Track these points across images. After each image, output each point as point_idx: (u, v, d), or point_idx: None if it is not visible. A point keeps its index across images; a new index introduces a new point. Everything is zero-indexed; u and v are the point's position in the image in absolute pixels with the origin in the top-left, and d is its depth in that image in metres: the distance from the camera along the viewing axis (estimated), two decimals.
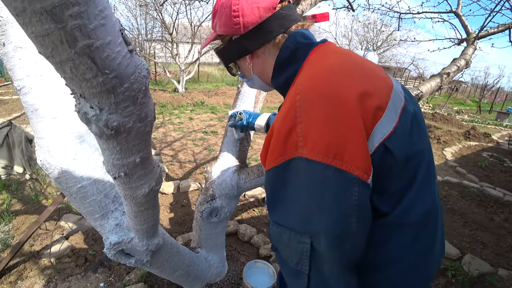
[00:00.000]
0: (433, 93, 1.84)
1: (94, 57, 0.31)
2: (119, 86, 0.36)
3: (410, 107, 0.58)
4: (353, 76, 0.53)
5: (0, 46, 0.76)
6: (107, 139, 0.44)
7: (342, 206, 0.49)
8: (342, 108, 0.48)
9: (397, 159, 0.53)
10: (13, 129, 2.07)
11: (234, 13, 0.64)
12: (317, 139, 0.48)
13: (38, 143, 0.87)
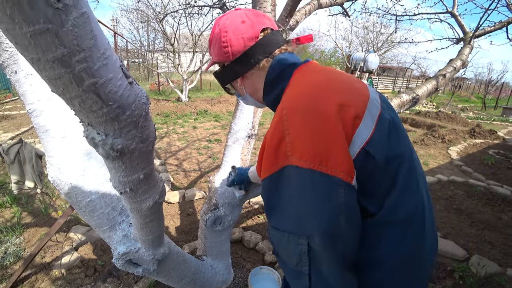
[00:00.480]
0: (430, 95, 1.87)
1: (99, 92, 0.36)
2: (122, 114, 0.40)
3: (386, 114, 0.63)
4: (332, 91, 0.60)
5: (13, 74, 0.82)
6: (113, 160, 0.49)
7: (330, 206, 0.54)
8: (323, 120, 0.55)
9: (378, 162, 0.58)
10: (23, 146, 2.16)
11: (224, 43, 0.73)
12: (303, 148, 0.54)
13: (49, 161, 0.92)
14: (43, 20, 0.28)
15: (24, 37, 0.28)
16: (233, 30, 0.72)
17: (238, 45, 0.73)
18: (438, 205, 3.69)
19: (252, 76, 0.77)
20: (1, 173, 3.93)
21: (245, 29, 0.72)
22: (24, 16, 0.27)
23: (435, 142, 6.92)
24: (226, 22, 0.73)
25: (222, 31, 0.73)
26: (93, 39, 0.32)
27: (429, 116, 10.62)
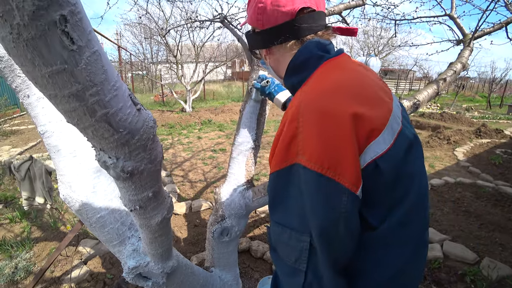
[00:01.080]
0: (431, 99, 1.88)
1: (110, 121, 0.38)
2: (131, 139, 0.43)
3: (407, 132, 0.64)
4: (353, 97, 0.58)
5: (25, 98, 0.87)
6: (123, 181, 0.51)
7: (332, 210, 0.55)
8: (338, 127, 0.54)
9: (385, 177, 0.58)
10: (34, 163, 2.22)
11: (259, 10, 0.69)
12: (314, 151, 0.54)
13: (60, 179, 0.96)
14: (60, 62, 0.31)
15: (43, 78, 0.32)
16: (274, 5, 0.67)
17: (272, 17, 0.68)
18: (446, 207, 3.65)
19: (278, 52, 0.74)
20: (10, 188, 4.00)
21: (284, 1, 0.66)
22: (42, 59, 0.30)
23: (441, 144, 6.86)
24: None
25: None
26: (104, 74, 0.35)
27: (434, 118, 10.55)
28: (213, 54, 11.80)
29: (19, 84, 0.85)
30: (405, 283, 0.64)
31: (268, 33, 0.70)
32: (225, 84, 19.21)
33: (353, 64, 0.69)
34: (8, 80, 0.86)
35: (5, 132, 7.69)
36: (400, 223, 0.61)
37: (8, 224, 3.07)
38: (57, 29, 0.29)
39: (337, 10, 2.33)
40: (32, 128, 8.60)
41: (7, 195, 3.75)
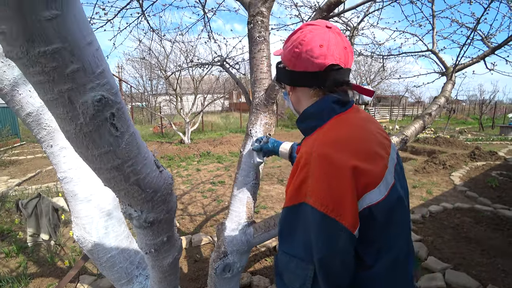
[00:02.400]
0: (418, 134, 2.00)
1: (140, 184, 0.48)
2: (154, 196, 0.52)
3: (398, 186, 0.74)
4: (356, 152, 0.68)
5: (48, 147, 0.97)
6: (144, 229, 0.60)
7: (332, 246, 0.64)
8: (341, 177, 0.64)
9: (378, 221, 0.69)
10: (41, 200, 2.27)
11: (294, 53, 0.78)
12: (320, 194, 0.64)
13: (75, 221, 1.03)
14: (107, 145, 0.41)
15: (93, 157, 0.41)
16: (307, 48, 0.75)
17: (303, 63, 0.76)
18: (446, 234, 3.64)
19: (301, 92, 0.83)
20: (7, 221, 3.96)
21: (318, 54, 0.74)
22: (95, 144, 0.40)
23: (437, 169, 6.92)
24: (307, 36, 0.76)
25: (300, 41, 0.76)
26: (138, 149, 0.45)
27: (428, 142, 10.71)
28: (212, 86, 12.21)
29: (44, 136, 0.96)
30: None
31: (297, 74, 0.79)
32: (223, 115, 19.61)
33: (359, 119, 0.79)
34: (33, 132, 0.97)
35: (4, 162, 7.66)
36: (393, 263, 0.70)
37: (3, 259, 3.02)
38: (107, 123, 0.39)
39: None
40: (31, 158, 8.61)
41: (4, 228, 3.71)
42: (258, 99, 1.58)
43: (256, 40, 1.58)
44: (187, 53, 8.14)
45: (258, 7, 1.59)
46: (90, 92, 0.35)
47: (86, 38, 0.33)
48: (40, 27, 0.28)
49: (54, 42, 0.30)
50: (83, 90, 0.34)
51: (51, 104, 0.35)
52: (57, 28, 0.29)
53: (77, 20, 0.31)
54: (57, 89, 0.33)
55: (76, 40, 0.31)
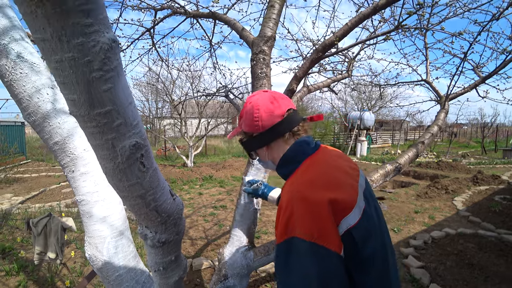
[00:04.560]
0: (411, 162, 2.10)
1: (158, 210, 0.58)
2: (168, 219, 0.62)
3: (369, 208, 0.85)
4: (329, 187, 0.79)
5: (70, 172, 1.08)
6: (156, 248, 0.69)
7: (324, 270, 0.71)
8: (319, 210, 0.74)
9: (357, 242, 0.78)
10: (51, 220, 2.35)
11: (256, 118, 0.91)
12: (305, 227, 0.73)
13: (88, 240, 1.12)
14: (136, 178, 0.52)
15: (124, 187, 0.52)
16: (264, 108, 0.91)
17: (268, 120, 0.91)
18: (449, 261, 3.58)
19: (276, 145, 0.94)
20: (9, 239, 3.98)
21: (274, 108, 0.91)
22: (127, 177, 0.51)
23: (439, 194, 6.86)
24: (258, 101, 0.92)
25: (255, 108, 0.92)
26: (158, 181, 0.56)
27: (431, 167, 10.67)
28: (215, 111, 12.50)
29: (67, 162, 1.08)
30: None
31: (267, 132, 0.93)
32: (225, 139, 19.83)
33: (328, 157, 0.92)
34: (58, 158, 1.09)
35: (9, 180, 7.73)
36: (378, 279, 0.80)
37: (3, 277, 3.04)
38: (138, 162, 0.50)
39: (325, 84, 2.70)
40: (36, 177, 8.68)
41: (6, 245, 3.72)
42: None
43: (258, 75, 1.73)
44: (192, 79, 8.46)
45: (261, 46, 1.76)
46: (128, 139, 0.46)
47: (128, 99, 0.45)
48: (99, 96, 0.40)
49: (107, 105, 0.42)
50: (123, 137, 0.46)
51: (98, 148, 0.46)
52: (110, 96, 0.41)
53: (123, 88, 0.44)
54: (105, 138, 0.45)
55: (121, 103, 0.44)
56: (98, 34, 0.37)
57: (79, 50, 0.36)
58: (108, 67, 0.39)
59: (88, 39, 0.36)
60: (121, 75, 0.43)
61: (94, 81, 0.39)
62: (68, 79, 0.38)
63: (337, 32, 1.46)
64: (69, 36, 0.35)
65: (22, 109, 1.04)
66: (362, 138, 16.63)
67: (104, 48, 0.37)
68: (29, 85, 0.99)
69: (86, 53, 0.36)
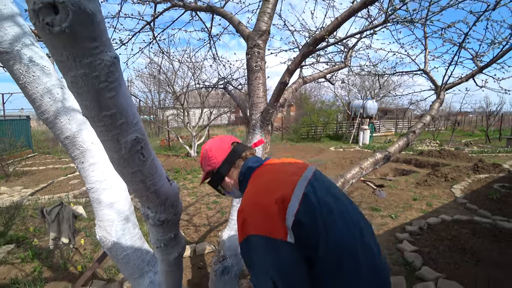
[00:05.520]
0: (402, 151, 2.19)
1: (157, 192, 0.70)
2: (166, 201, 0.74)
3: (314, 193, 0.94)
4: (272, 190, 0.93)
5: (80, 163, 1.21)
6: (157, 226, 0.81)
7: (280, 257, 0.84)
8: (267, 210, 0.88)
9: (303, 223, 0.88)
10: (63, 208, 2.53)
11: (211, 158, 1.13)
12: (256, 226, 0.88)
13: (98, 224, 1.26)
14: (137, 166, 0.63)
15: (128, 174, 0.63)
16: (215, 149, 1.14)
17: (220, 156, 1.13)
18: (442, 246, 3.66)
19: (232, 174, 1.14)
20: (22, 229, 4.18)
21: (222, 145, 1.15)
22: (129, 166, 0.62)
23: (439, 182, 6.87)
24: (210, 145, 1.16)
25: (208, 151, 1.15)
26: (156, 168, 0.67)
27: (432, 155, 10.66)
28: (218, 101, 12.57)
29: (77, 154, 1.21)
30: None
31: (223, 165, 1.13)
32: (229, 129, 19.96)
33: (273, 165, 1.10)
34: (69, 151, 1.22)
35: (18, 173, 7.96)
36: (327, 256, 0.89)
37: (19, 264, 3.24)
38: (138, 153, 0.61)
39: (322, 75, 2.77)
40: (43, 169, 8.90)
41: (19, 235, 3.92)
42: (254, 121, 1.81)
43: (253, 69, 1.82)
44: (194, 70, 8.50)
45: (255, 40, 1.84)
46: (129, 134, 0.58)
47: (128, 103, 0.56)
48: (106, 102, 0.51)
49: (112, 109, 0.53)
50: (126, 133, 0.57)
51: (106, 142, 0.58)
52: (114, 102, 0.53)
53: (123, 94, 0.55)
54: (111, 134, 0.56)
55: (123, 106, 0.55)
56: (103, 53, 0.48)
57: (88, 67, 0.47)
58: (112, 78, 0.51)
59: (95, 58, 0.47)
60: (122, 84, 0.54)
61: (101, 90, 0.50)
62: (81, 90, 0.49)
63: (327, 26, 1.53)
64: (81, 57, 0.46)
65: (36, 108, 1.16)
66: (364, 126, 16.62)
67: (108, 64, 0.48)
68: (41, 86, 1.10)
69: (94, 69, 0.47)
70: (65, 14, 0.42)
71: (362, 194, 6.05)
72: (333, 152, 13.26)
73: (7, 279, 2.91)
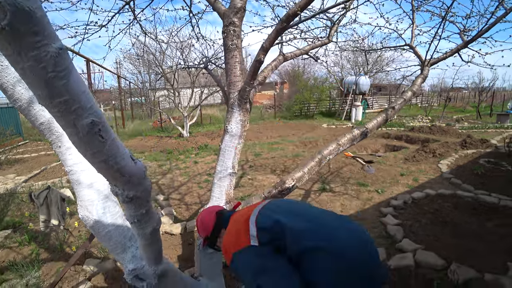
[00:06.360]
0: (380, 127, 2.24)
1: (121, 171, 0.74)
2: (131, 179, 0.79)
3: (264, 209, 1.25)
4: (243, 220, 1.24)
5: (58, 147, 1.25)
6: (127, 203, 0.86)
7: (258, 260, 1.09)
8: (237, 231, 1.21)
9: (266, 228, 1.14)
10: (51, 191, 2.59)
11: (204, 227, 1.47)
12: (234, 247, 1.17)
13: (80, 204, 1.32)
14: (97, 147, 0.67)
15: (89, 155, 0.68)
16: (206, 220, 1.47)
17: (209, 225, 1.44)
18: (424, 219, 3.79)
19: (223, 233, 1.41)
20: (18, 214, 4.27)
21: (209, 215, 1.47)
22: (90, 147, 0.66)
23: (426, 157, 6.96)
24: (203, 219, 1.49)
25: (201, 221, 1.48)
26: (117, 149, 0.71)
27: (423, 131, 10.80)
28: (209, 80, 12.39)
29: (54, 139, 1.25)
30: None
31: (215, 230, 1.44)
32: (222, 108, 19.79)
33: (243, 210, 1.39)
34: (46, 136, 1.26)
35: (10, 161, 7.95)
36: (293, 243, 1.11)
37: (17, 248, 3.34)
38: (96, 134, 0.65)
39: (304, 51, 2.75)
40: (35, 156, 8.89)
41: (15, 220, 4.02)
42: (232, 99, 1.83)
43: (229, 47, 1.82)
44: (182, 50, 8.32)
45: (231, 18, 1.81)
46: (85, 118, 0.61)
47: (81, 89, 0.59)
48: (57, 90, 0.55)
49: (65, 95, 0.57)
50: (81, 118, 0.61)
51: (65, 127, 0.62)
52: (65, 88, 0.56)
53: (76, 81, 0.59)
54: (67, 119, 0.60)
55: (76, 92, 0.58)
56: (48, 46, 0.52)
57: (35, 59, 0.51)
58: (60, 68, 0.54)
59: (40, 51, 0.51)
60: (73, 71, 0.58)
61: (51, 80, 0.53)
62: (31, 80, 0.53)
63: (299, 2, 1.52)
64: (25, 51, 0.50)
65: (8, 97, 1.20)
66: (357, 103, 16.60)
67: (54, 55, 0.52)
68: (10, 76, 1.14)
69: (40, 61, 0.51)
70: (2, 14, 0.46)
71: (351, 170, 6.18)
72: (326, 129, 13.34)
73: (6, 262, 3.01)
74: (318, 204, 4.48)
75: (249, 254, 1.11)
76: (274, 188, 1.81)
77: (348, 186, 5.23)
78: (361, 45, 4.27)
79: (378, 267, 1.07)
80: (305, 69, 24.53)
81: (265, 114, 19.12)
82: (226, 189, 1.85)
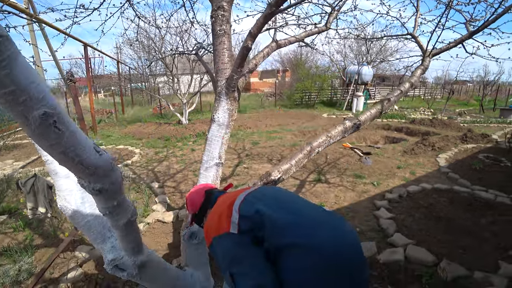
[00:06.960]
0: (374, 119, 2.19)
1: (83, 163, 0.71)
2: (96, 171, 0.76)
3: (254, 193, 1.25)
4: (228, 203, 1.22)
5: None
6: (95, 195, 0.84)
7: (234, 245, 1.09)
8: (219, 216, 1.19)
9: (248, 216, 1.12)
10: (37, 179, 2.57)
11: (192, 205, 1.49)
12: (214, 232, 1.16)
13: (58, 194, 1.29)
14: (55, 139, 0.64)
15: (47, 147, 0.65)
16: (195, 197, 1.49)
17: (199, 199, 1.47)
18: (418, 213, 3.75)
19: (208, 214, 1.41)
20: (14, 200, 4.29)
21: (200, 193, 1.49)
22: (46, 139, 0.63)
23: (425, 151, 6.86)
24: (192, 196, 1.51)
25: (191, 199, 1.50)
26: (77, 140, 0.68)
27: (424, 124, 10.65)
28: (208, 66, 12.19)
29: None
30: None
31: (201, 208, 1.47)
32: None
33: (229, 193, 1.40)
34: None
35: (8, 146, 7.96)
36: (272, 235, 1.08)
37: (12, 233, 3.36)
38: (52, 126, 0.62)
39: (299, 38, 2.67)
40: None
41: (11, 206, 4.03)
42: (220, 87, 1.77)
43: (217, 33, 1.74)
44: (182, 35, 8.16)
45: (220, 1, 1.72)
46: (36, 110, 0.58)
47: (29, 79, 0.56)
48: (2, 81, 0.51)
49: (10, 86, 0.53)
50: (32, 109, 0.57)
51: (16, 118, 0.58)
52: (10, 79, 0.53)
53: (22, 72, 0.55)
54: (16, 110, 0.57)
55: (22, 83, 0.55)
56: None
57: None
58: (1, 57, 0.51)
59: None
60: (17, 61, 0.54)
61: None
62: None
63: None
64: None
65: None
66: (359, 93, 16.41)
67: None
68: None
69: None
70: None
71: (349, 161, 6.14)
72: (326, 119, 13.24)
73: (0, 248, 3.04)
74: (313, 195, 4.46)
75: (227, 241, 1.11)
76: (260, 179, 1.78)
77: (344, 177, 5.20)
78: (362, 33, 4.14)
79: (362, 268, 1.01)
80: (307, 57, 24.16)
81: (265, 102, 18.97)
82: (212, 179, 1.82)
